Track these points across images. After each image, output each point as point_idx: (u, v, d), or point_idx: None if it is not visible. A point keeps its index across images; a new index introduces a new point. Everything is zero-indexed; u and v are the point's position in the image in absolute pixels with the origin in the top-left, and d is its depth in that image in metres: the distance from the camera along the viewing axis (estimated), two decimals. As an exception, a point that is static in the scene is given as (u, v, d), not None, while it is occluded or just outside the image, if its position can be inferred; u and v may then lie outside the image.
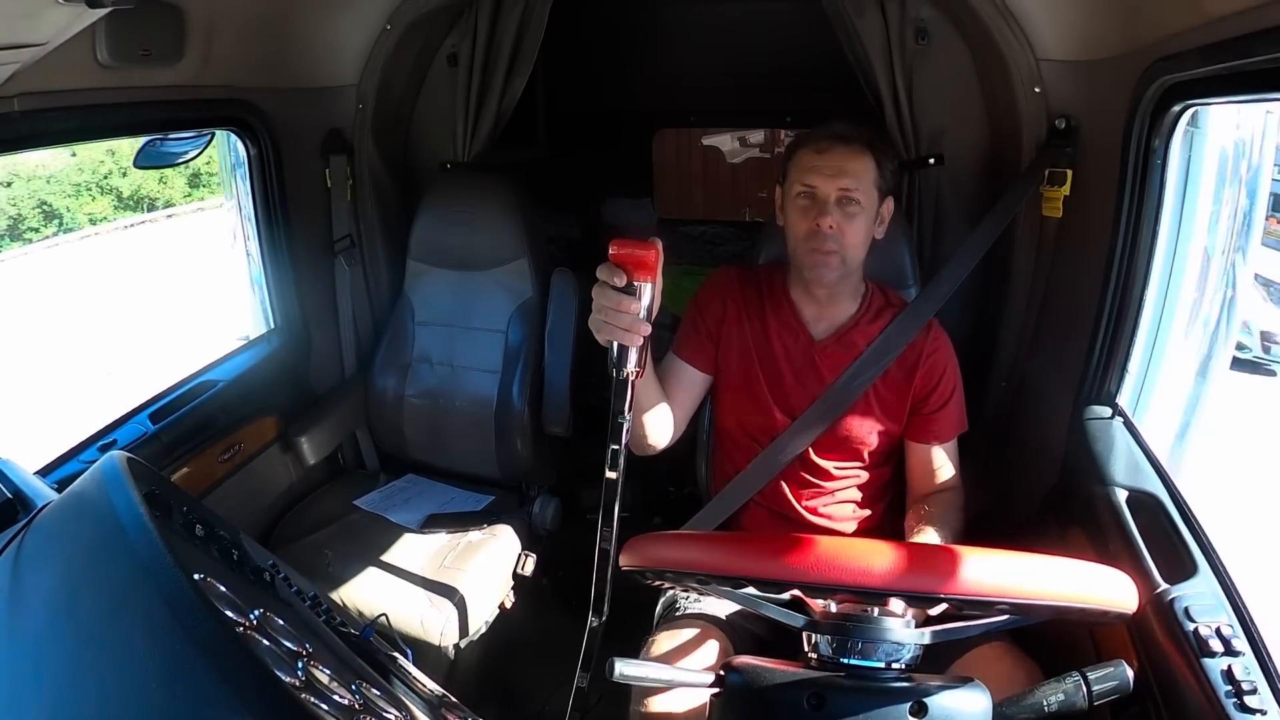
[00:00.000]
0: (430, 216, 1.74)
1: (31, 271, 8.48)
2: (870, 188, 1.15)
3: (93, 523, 0.59)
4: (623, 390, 0.89)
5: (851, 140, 1.15)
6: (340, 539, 1.56)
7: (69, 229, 10.29)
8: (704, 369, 1.25)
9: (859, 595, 0.67)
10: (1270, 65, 0.78)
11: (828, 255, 1.14)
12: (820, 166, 1.14)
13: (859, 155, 1.15)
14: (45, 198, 10.00)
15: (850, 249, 1.15)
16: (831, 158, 1.14)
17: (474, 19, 1.70)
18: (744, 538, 0.99)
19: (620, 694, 0.99)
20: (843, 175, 1.13)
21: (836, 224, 1.13)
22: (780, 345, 1.23)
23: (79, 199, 10.24)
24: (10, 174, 9.30)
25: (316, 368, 1.83)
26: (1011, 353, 1.47)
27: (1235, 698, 0.73)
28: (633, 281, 0.83)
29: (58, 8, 0.83)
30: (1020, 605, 0.66)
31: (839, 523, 1.25)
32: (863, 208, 1.14)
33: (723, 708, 0.70)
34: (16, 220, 9.74)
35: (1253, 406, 2.91)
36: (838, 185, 1.13)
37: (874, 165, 1.15)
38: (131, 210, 11.04)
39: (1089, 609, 0.67)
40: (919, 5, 1.46)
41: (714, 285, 1.29)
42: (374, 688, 0.59)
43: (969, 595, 0.63)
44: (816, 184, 1.14)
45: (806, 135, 1.20)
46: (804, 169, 1.16)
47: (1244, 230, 1.17)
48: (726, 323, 1.25)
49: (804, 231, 1.15)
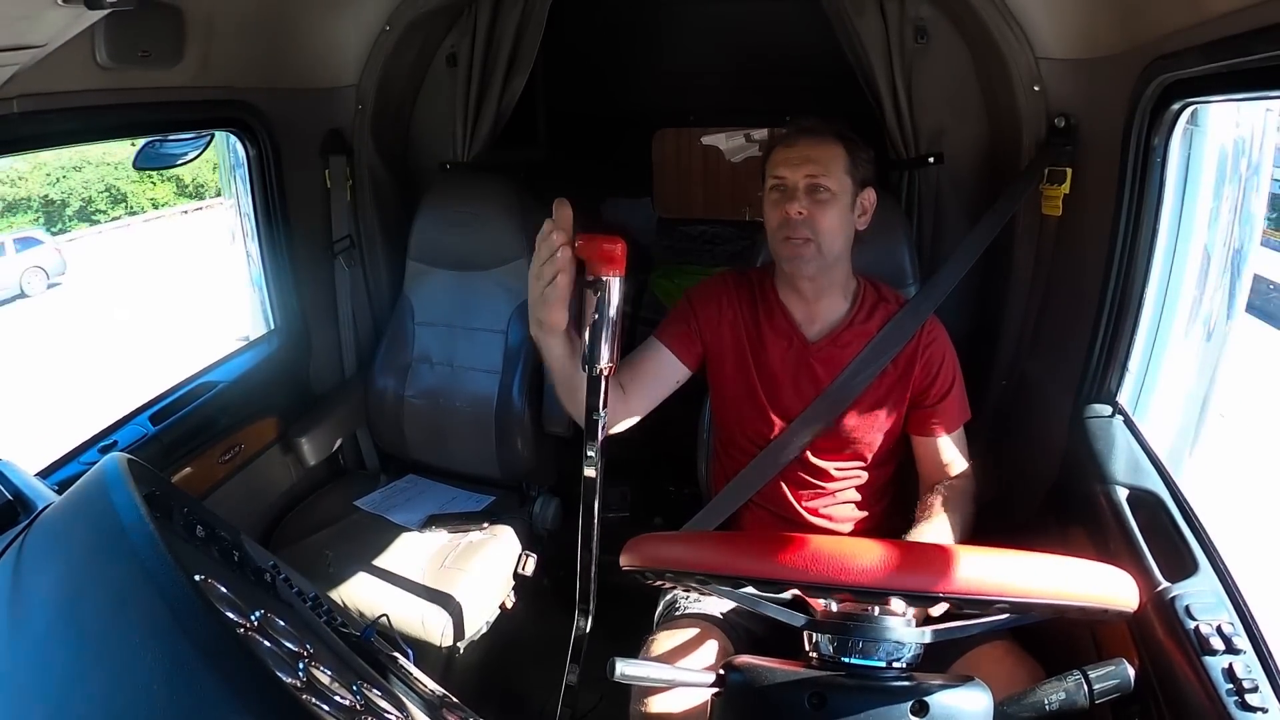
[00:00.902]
0: (430, 217, 1.74)
1: (110, 247, 9.14)
2: (841, 174, 1.15)
3: (93, 524, 0.59)
4: (596, 386, 0.88)
5: (818, 130, 1.17)
6: (341, 539, 1.56)
7: (133, 212, 10.69)
8: (685, 360, 1.23)
9: (858, 594, 0.67)
10: (1270, 63, 0.78)
11: (801, 244, 1.13)
12: (788, 157, 1.15)
13: (826, 143, 1.15)
14: (113, 182, 10.32)
15: (825, 235, 1.14)
16: (798, 148, 1.15)
17: (473, 19, 1.70)
18: (742, 537, 0.99)
19: (620, 694, 0.99)
20: (808, 162, 1.14)
21: (805, 210, 1.13)
22: (775, 350, 1.23)
23: (141, 184, 10.61)
24: (81, 159, 9.67)
25: (316, 368, 1.83)
26: (1012, 351, 1.47)
27: (1236, 696, 0.73)
28: (600, 277, 0.80)
29: (57, 9, 0.83)
30: (1021, 604, 0.66)
31: (839, 523, 1.25)
32: (834, 194, 1.14)
33: (723, 707, 0.70)
34: (86, 203, 10.07)
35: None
36: (804, 172, 1.13)
37: (844, 153, 1.15)
38: (190, 198, 11.36)
39: (1090, 608, 0.67)
40: (918, 4, 1.46)
41: (710, 289, 1.28)
42: (375, 688, 0.59)
43: (970, 594, 0.63)
44: (785, 174, 1.15)
45: (779, 136, 1.20)
46: (774, 163, 1.17)
47: (1244, 228, 1.17)
48: (721, 328, 1.24)
49: (776, 222, 1.16)
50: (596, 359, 0.83)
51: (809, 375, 1.21)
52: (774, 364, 1.23)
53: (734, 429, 1.28)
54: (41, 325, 8.25)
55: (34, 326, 8.24)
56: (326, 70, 1.67)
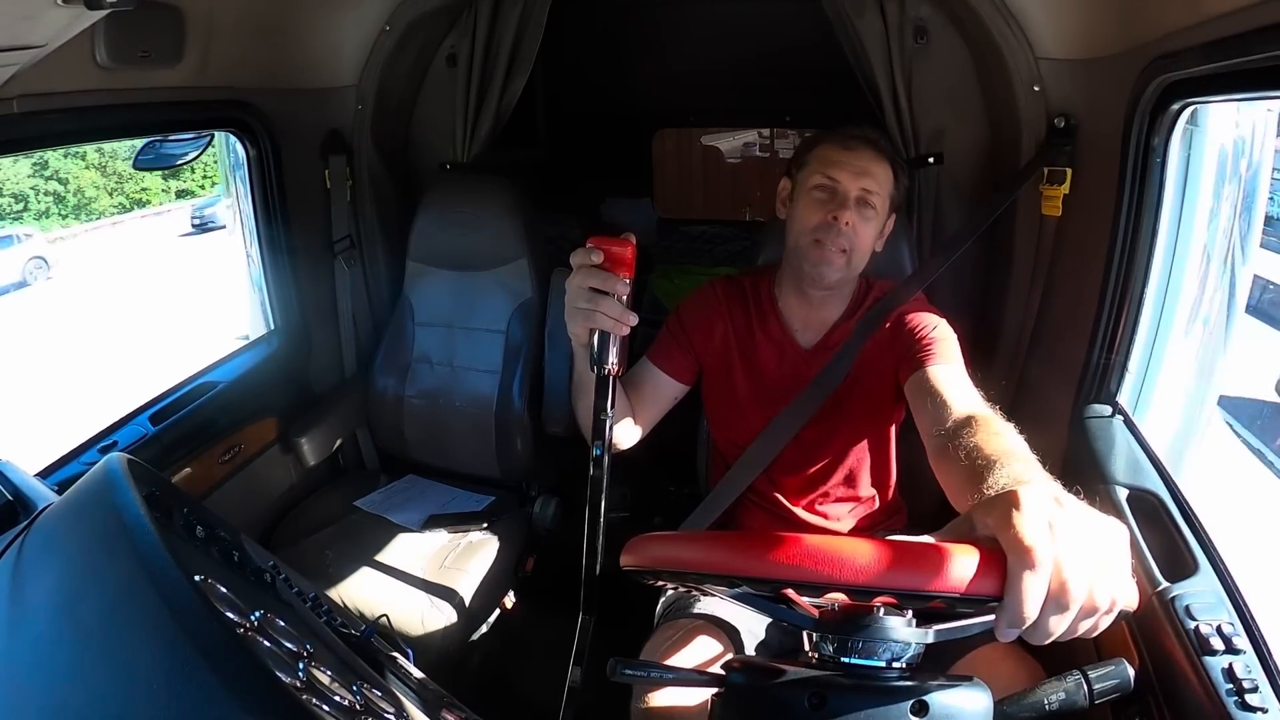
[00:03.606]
0: (430, 217, 1.74)
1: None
2: (886, 196, 1.14)
3: (93, 524, 0.59)
4: (604, 387, 0.88)
5: (879, 146, 1.15)
6: (341, 539, 1.56)
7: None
8: (679, 378, 1.22)
9: (849, 594, 0.66)
10: (1269, 63, 0.78)
11: (837, 252, 1.12)
12: (846, 162, 1.12)
13: (883, 162, 1.14)
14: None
15: (859, 251, 1.13)
16: (858, 157, 1.13)
17: (473, 19, 1.70)
18: (722, 536, 0.98)
19: (620, 693, 0.99)
20: (867, 176, 1.12)
21: (853, 222, 1.11)
22: (769, 360, 1.22)
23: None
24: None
25: (316, 368, 1.83)
26: (1011, 351, 1.47)
27: (1236, 696, 0.73)
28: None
29: (57, 9, 0.83)
30: None
31: (834, 521, 1.25)
32: (877, 213, 1.13)
33: (723, 707, 0.70)
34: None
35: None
36: (860, 184, 1.12)
37: (893, 177, 1.15)
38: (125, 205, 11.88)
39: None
40: (918, 5, 1.47)
41: (700, 302, 1.26)
42: (375, 688, 0.59)
43: (970, 594, 0.63)
44: (841, 178, 1.12)
45: (830, 131, 1.17)
46: (828, 162, 1.13)
47: (1244, 228, 1.17)
48: (713, 341, 1.23)
49: (815, 223, 1.12)
50: (605, 360, 0.84)
51: (803, 383, 1.19)
52: (767, 372, 1.22)
53: (729, 435, 1.27)
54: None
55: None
56: (326, 70, 1.67)
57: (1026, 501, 0.53)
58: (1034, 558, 0.49)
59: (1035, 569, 0.49)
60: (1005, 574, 0.51)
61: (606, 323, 0.84)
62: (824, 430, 1.20)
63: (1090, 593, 0.50)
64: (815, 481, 1.24)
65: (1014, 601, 0.50)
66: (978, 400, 0.96)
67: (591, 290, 0.84)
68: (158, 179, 12.47)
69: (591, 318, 0.84)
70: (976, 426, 0.82)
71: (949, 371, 1.05)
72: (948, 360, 1.07)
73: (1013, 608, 0.50)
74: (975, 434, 0.80)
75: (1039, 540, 0.50)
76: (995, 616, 0.52)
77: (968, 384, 1.02)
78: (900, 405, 1.19)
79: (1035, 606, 0.50)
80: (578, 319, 0.86)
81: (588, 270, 0.84)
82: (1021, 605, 0.49)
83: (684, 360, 1.23)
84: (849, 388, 1.17)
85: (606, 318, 0.84)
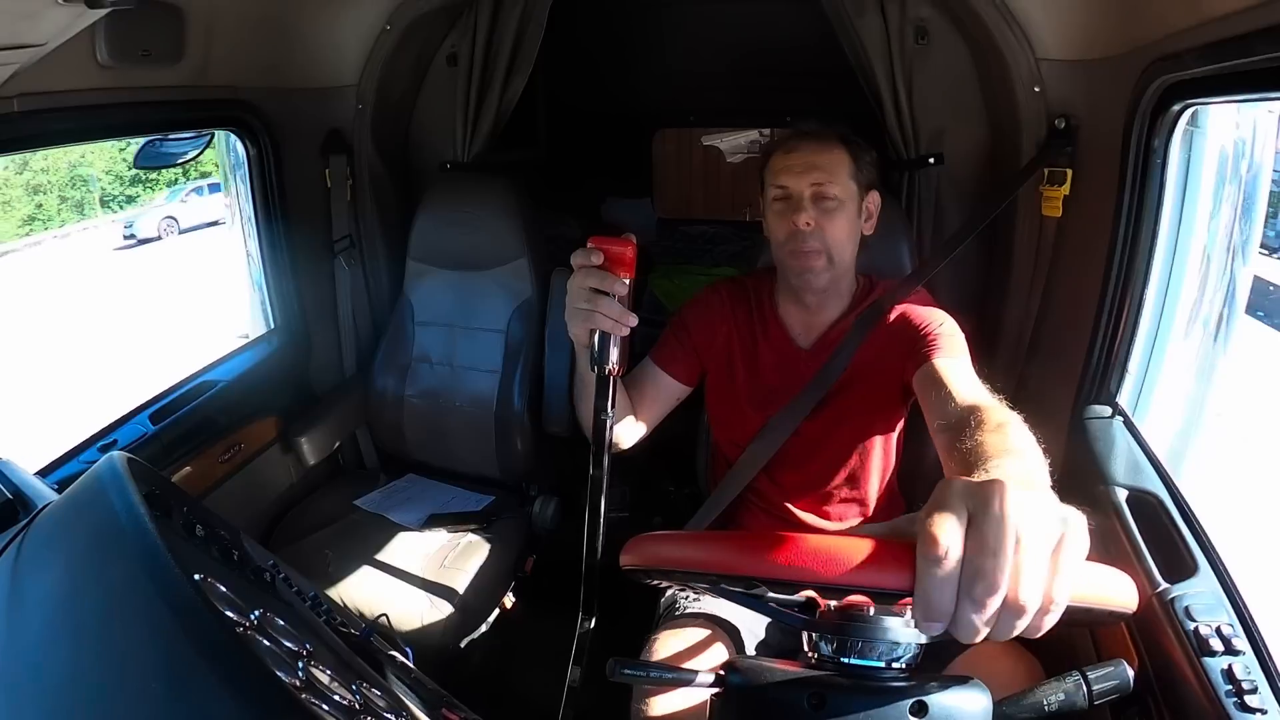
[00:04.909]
0: (430, 216, 1.74)
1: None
2: (846, 181, 1.12)
3: (93, 523, 0.59)
4: (605, 387, 0.88)
5: (821, 135, 1.13)
6: (341, 539, 1.56)
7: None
8: (682, 380, 1.22)
9: (831, 594, 0.66)
10: (1270, 64, 0.78)
11: (811, 256, 1.11)
12: (790, 165, 1.12)
13: (830, 149, 1.12)
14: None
15: (835, 247, 1.11)
16: (800, 154, 1.12)
17: (474, 19, 1.70)
18: (720, 536, 0.98)
19: (620, 694, 0.99)
20: (813, 170, 1.10)
21: (814, 220, 1.09)
22: (768, 361, 1.22)
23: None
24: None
25: (316, 368, 1.83)
26: (1011, 352, 1.47)
27: (1236, 697, 0.73)
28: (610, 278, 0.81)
29: (57, 8, 0.83)
30: None
31: (835, 522, 1.25)
32: (841, 202, 1.11)
33: (723, 707, 0.70)
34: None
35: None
36: (809, 180, 1.10)
37: (848, 158, 1.12)
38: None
39: (1089, 608, 0.67)
40: (919, 5, 1.46)
41: (704, 304, 1.26)
42: (374, 688, 0.59)
43: (883, 587, 0.63)
44: (788, 183, 1.11)
45: (777, 139, 1.17)
46: (775, 171, 1.13)
47: (1244, 229, 1.17)
48: (715, 343, 1.23)
49: (784, 234, 1.12)
50: (605, 360, 0.84)
51: (803, 381, 1.19)
52: (767, 375, 1.22)
53: (730, 435, 1.27)
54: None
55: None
56: (327, 70, 1.67)
57: (951, 494, 0.50)
58: (937, 549, 0.47)
59: (937, 560, 0.47)
60: (914, 566, 0.49)
61: (606, 323, 0.84)
62: (825, 430, 1.20)
63: (1017, 589, 0.47)
64: (816, 482, 1.24)
65: (919, 593, 0.48)
66: (984, 393, 0.94)
67: (591, 290, 0.84)
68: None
69: (591, 318, 0.84)
70: (980, 422, 0.81)
71: (955, 365, 1.03)
72: (954, 354, 1.06)
73: (919, 599, 0.48)
74: (978, 430, 0.79)
75: (944, 530, 0.47)
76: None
77: (974, 378, 1.00)
78: (905, 406, 1.19)
79: (942, 598, 0.47)
80: (578, 319, 0.86)
81: (588, 270, 0.84)
82: (926, 596, 0.47)
83: (687, 361, 1.23)
84: (850, 387, 1.17)
85: (606, 318, 0.84)
